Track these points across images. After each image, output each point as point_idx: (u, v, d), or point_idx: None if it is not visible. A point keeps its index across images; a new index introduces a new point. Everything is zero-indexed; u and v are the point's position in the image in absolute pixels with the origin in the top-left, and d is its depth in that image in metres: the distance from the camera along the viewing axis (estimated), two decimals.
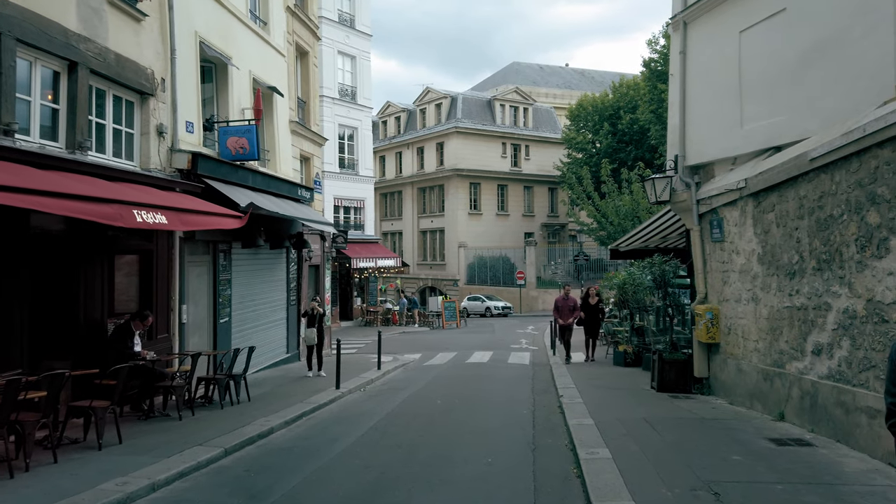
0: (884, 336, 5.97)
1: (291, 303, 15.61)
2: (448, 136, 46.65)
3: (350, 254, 27.47)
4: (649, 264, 11.93)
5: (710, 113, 10.44)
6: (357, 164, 29.50)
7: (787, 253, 7.93)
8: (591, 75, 63.08)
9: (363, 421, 8.92)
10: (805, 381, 7.52)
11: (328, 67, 27.88)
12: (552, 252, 46.72)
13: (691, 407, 9.31)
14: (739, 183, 9.14)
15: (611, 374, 13.41)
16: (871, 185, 6.14)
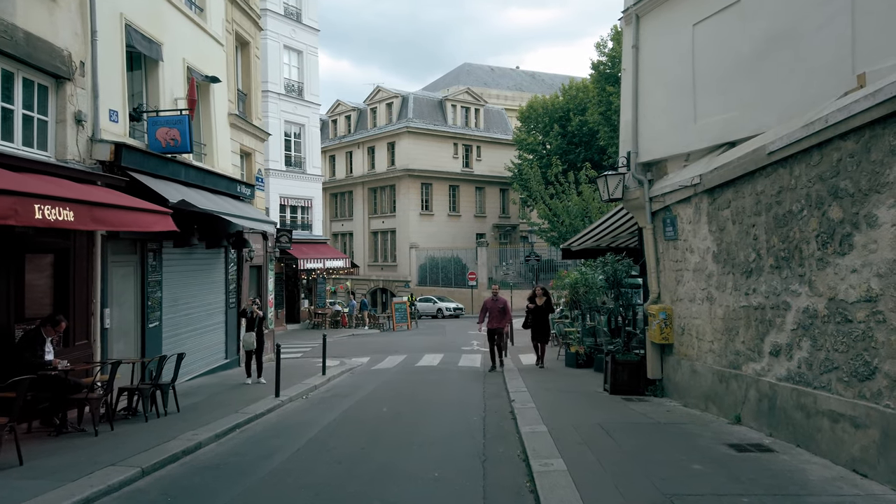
0: (847, 336, 5.71)
1: (231, 305, 14.78)
2: (399, 136, 46.10)
3: (297, 254, 26.58)
4: (601, 263, 11.65)
5: (663, 108, 10.19)
6: (304, 163, 28.62)
7: (744, 251, 7.68)
8: (541, 78, 63.43)
9: (302, 432, 8.29)
10: (763, 383, 7.27)
11: (273, 62, 26.95)
12: (504, 253, 46.69)
13: (645, 410, 9.00)
14: (694, 179, 8.88)
15: (563, 376, 13.08)
16: (833, 179, 5.88)
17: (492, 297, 14.40)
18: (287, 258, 26.88)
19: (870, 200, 5.38)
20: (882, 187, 5.22)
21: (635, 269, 12.35)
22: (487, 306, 14.16)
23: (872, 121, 5.24)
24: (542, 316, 14.38)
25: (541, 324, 14.38)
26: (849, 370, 5.69)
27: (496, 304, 14.08)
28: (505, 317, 14.04)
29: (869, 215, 5.39)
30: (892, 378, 5.15)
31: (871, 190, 5.37)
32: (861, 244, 5.51)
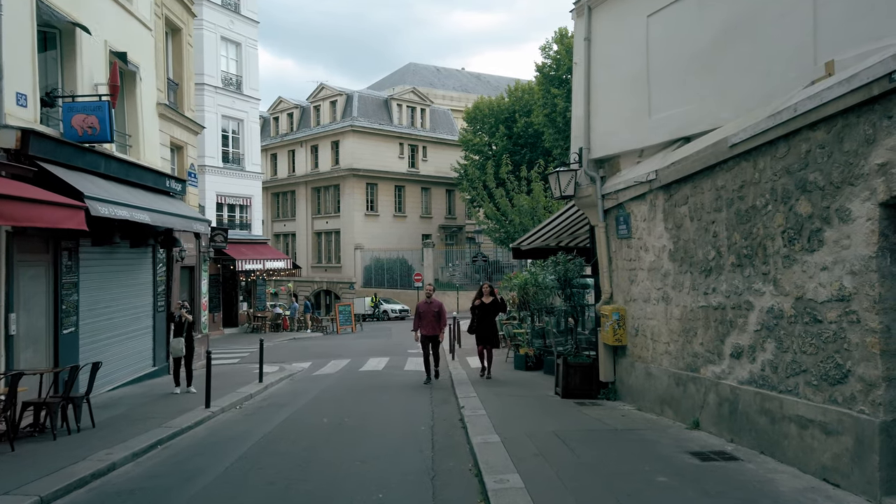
0: (817, 338, 5.41)
1: (159, 309, 13.75)
2: (344, 135, 45.15)
3: (235, 255, 25.41)
4: (553, 263, 11.27)
5: (616, 103, 9.88)
6: (243, 159, 27.43)
7: (703, 248, 7.37)
8: (486, 79, 63.45)
9: (232, 448, 7.53)
10: (723, 387, 6.95)
11: (210, 53, 25.72)
12: (450, 254, 46.33)
13: (600, 415, 8.63)
14: (649, 175, 8.56)
15: (513, 379, 12.65)
16: (801, 172, 5.58)
17: (425, 299, 12.64)
18: (224, 259, 25.69)
19: (842, 194, 5.08)
20: (856, 179, 4.92)
21: (587, 268, 12.04)
22: (420, 310, 12.46)
23: (846, 109, 4.94)
24: (490, 317, 12.80)
25: (488, 326, 12.74)
26: (818, 373, 5.39)
27: (430, 307, 12.38)
28: (440, 322, 12.30)
29: (841, 209, 5.09)
30: (867, 382, 4.85)
31: (843, 182, 5.07)
32: (832, 240, 5.20)
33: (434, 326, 12.25)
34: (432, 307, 12.38)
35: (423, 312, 12.34)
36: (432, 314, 12.28)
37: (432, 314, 12.28)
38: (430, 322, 12.23)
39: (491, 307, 12.78)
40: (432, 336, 12.29)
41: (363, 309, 37.10)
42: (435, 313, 12.30)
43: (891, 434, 4.69)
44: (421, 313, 12.39)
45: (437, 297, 13.24)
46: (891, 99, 4.53)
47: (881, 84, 4.52)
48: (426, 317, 12.28)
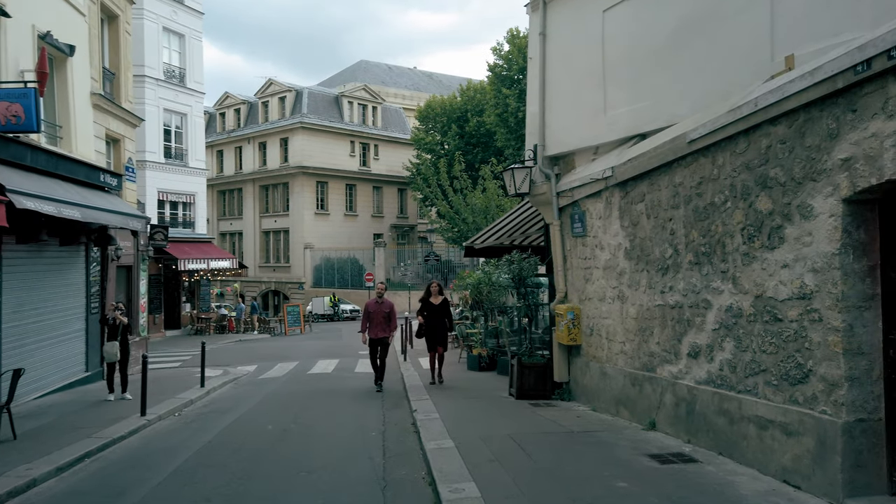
0: (777, 337, 5.30)
1: (93, 311, 12.97)
2: (293, 132, 44.23)
3: (177, 254, 24.44)
4: (507, 262, 11.06)
5: (571, 99, 9.72)
6: (186, 155, 26.43)
7: (660, 246, 7.25)
8: (438, 78, 63.25)
9: (167, 460, 7.01)
10: (680, 387, 6.84)
11: (151, 44, 24.67)
12: (402, 254, 45.97)
13: (555, 417, 8.44)
14: (605, 172, 8.42)
15: (466, 380, 12.40)
16: (761, 168, 5.47)
17: (376, 298, 11.55)
18: (166, 258, 24.69)
19: (804, 189, 4.98)
20: (818, 175, 4.82)
21: (541, 267, 11.88)
22: (370, 310, 11.38)
23: (809, 102, 4.83)
24: (441, 318, 11.74)
25: (439, 328, 11.66)
26: (779, 373, 5.28)
27: (381, 307, 11.33)
28: (390, 324, 11.37)
29: (803, 205, 4.99)
30: (829, 382, 4.75)
31: (805, 178, 4.96)
32: (793, 237, 5.10)
33: (384, 328, 11.29)
34: (383, 307, 11.36)
35: (374, 313, 11.31)
36: (383, 315, 11.29)
37: (383, 315, 11.29)
38: (381, 324, 11.27)
39: (441, 308, 11.78)
40: (382, 339, 11.32)
41: (322, 309, 36.35)
42: (385, 314, 11.32)
43: (853, 435, 4.60)
44: (370, 314, 11.35)
45: (391, 297, 12.76)
46: (855, 92, 4.43)
47: (846, 76, 4.42)
48: (376, 318, 11.28)
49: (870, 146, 4.34)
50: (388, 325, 11.36)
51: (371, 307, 11.45)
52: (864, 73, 4.26)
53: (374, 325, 11.28)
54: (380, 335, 11.29)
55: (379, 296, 11.60)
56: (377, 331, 11.28)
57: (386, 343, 11.41)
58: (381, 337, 11.31)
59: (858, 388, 4.61)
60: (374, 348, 11.37)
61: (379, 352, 11.34)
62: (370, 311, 11.38)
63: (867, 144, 4.36)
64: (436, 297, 11.77)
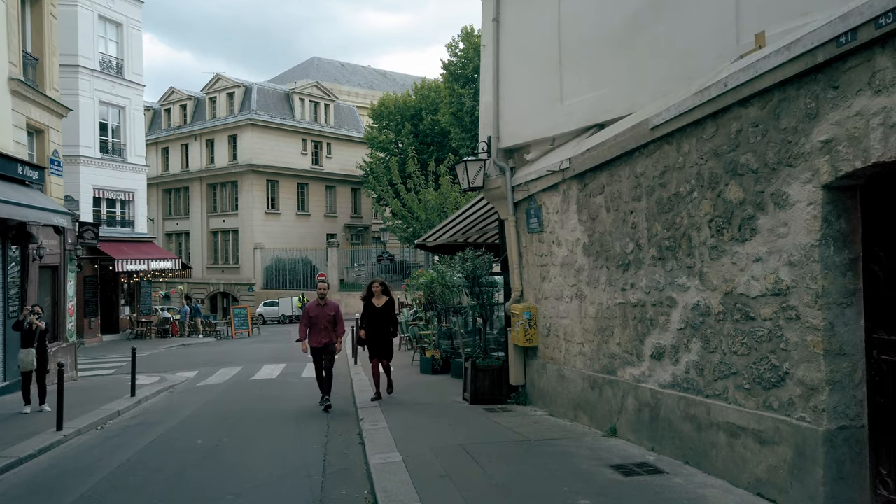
0: (749, 336, 4.89)
1: (11, 315, 11.90)
2: (242, 129, 42.91)
3: (115, 254, 23.14)
4: (460, 260, 10.52)
5: (526, 88, 9.26)
6: (125, 150, 25.08)
7: (620, 241, 6.81)
8: (392, 77, 62.50)
9: (75, 484, 6.21)
10: (643, 391, 6.40)
11: (86, 33, 23.29)
12: (356, 254, 45.12)
13: (511, 423, 7.94)
14: (562, 164, 7.96)
15: (418, 384, 11.83)
16: (731, 154, 5.05)
17: (317, 300, 9.96)
18: (103, 259, 23.36)
19: (778, 176, 4.57)
20: (795, 159, 4.41)
21: (497, 265, 11.39)
22: (311, 314, 9.76)
23: (784, 80, 4.41)
24: (385, 322, 10.11)
25: (382, 335, 10.06)
26: (751, 376, 4.86)
27: (324, 310, 9.74)
28: (336, 328, 9.78)
29: (778, 193, 4.58)
30: (807, 386, 4.34)
31: (780, 164, 4.55)
32: (767, 228, 4.69)
33: (329, 334, 9.70)
34: (327, 310, 9.73)
35: (316, 317, 9.69)
36: (326, 319, 9.69)
37: (326, 319, 9.69)
38: (324, 329, 9.68)
39: (385, 311, 10.13)
40: (326, 346, 9.70)
41: (290, 310, 35.17)
42: (330, 318, 9.70)
43: (835, 444, 4.19)
44: (312, 318, 9.71)
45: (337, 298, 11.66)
46: (837, 67, 4.03)
47: (827, 50, 4.01)
48: (319, 322, 9.68)
49: (854, 126, 3.93)
50: (335, 330, 9.77)
51: (312, 310, 9.83)
52: (849, 45, 3.86)
53: (316, 330, 9.70)
54: (324, 341, 9.71)
55: (321, 297, 9.88)
56: (320, 337, 9.69)
57: (332, 351, 9.78)
58: (326, 343, 9.71)
59: (840, 393, 4.21)
60: (318, 358, 9.79)
61: (324, 361, 9.75)
62: (311, 315, 9.76)
63: (851, 124, 3.96)
64: (379, 297, 10.15)
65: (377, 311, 10.09)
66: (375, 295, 10.17)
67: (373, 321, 10.03)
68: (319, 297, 9.90)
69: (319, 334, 9.69)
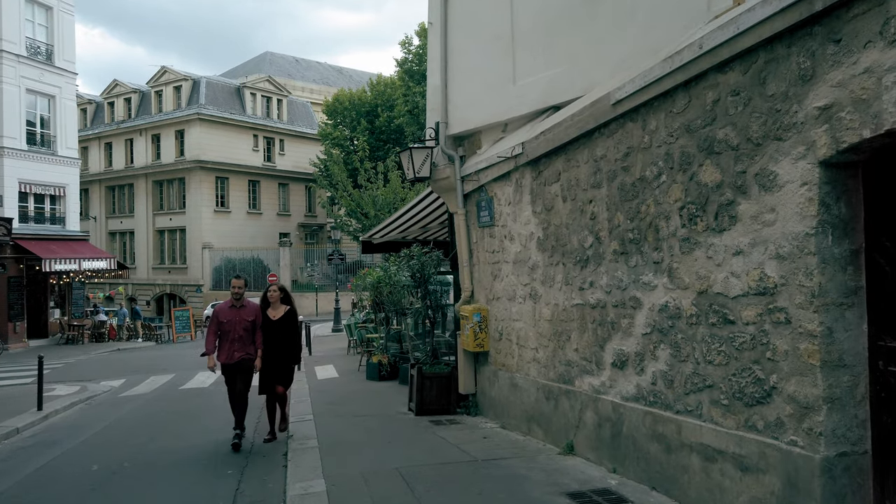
0: (727, 344, 4.15)
1: None
2: (189, 124, 41.17)
3: (42, 253, 21.52)
4: (406, 257, 9.66)
5: (477, 69, 8.45)
6: (55, 142, 23.40)
7: (578, 234, 6.04)
8: (349, 73, 61.23)
9: None
10: (603, 403, 5.64)
11: (11, 16, 21.62)
12: (310, 253, 43.85)
13: (459, 439, 7.10)
14: (515, 149, 7.17)
15: (362, 393, 10.92)
16: (707, 129, 4.31)
17: (231, 301, 7.55)
18: (30, 258, 21.72)
19: (764, 153, 3.84)
20: (786, 132, 3.68)
21: (446, 263, 10.56)
22: (222, 319, 7.41)
23: (772, 37, 3.68)
24: (281, 341, 7.56)
25: (278, 355, 7.55)
26: (730, 390, 4.13)
27: (240, 314, 7.43)
28: (255, 338, 7.50)
29: (763, 173, 3.84)
30: (800, 404, 3.61)
31: (766, 138, 3.82)
32: (750, 215, 3.95)
33: (245, 346, 7.39)
34: (244, 314, 7.44)
35: (228, 322, 7.37)
36: (243, 326, 7.37)
37: (243, 326, 7.37)
38: (239, 339, 7.36)
39: (284, 324, 7.63)
40: (241, 362, 7.37)
41: None
42: (248, 325, 7.41)
43: (834, 475, 3.47)
44: (223, 324, 7.38)
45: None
46: (839, 16, 3.30)
47: None
48: (232, 330, 7.35)
49: (861, 87, 3.21)
50: (253, 342, 7.47)
51: (223, 315, 7.44)
52: None
53: (228, 341, 7.38)
54: (237, 356, 7.35)
55: (236, 297, 7.49)
56: (233, 350, 7.35)
57: (249, 369, 7.46)
58: (241, 359, 7.37)
59: (839, 412, 3.49)
60: (232, 378, 7.43)
61: (239, 381, 7.42)
62: (222, 321, 7.39)
63: (857, 85, 3.23)
64: (276, 307, 7.68)
65: (273, 326, 7.55)
66: (272, 302, 7.69)
67: (267, 338, 7.52)
68: (234, 298, 7.51)
69: (232, 346, 7.36)
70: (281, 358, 7.62)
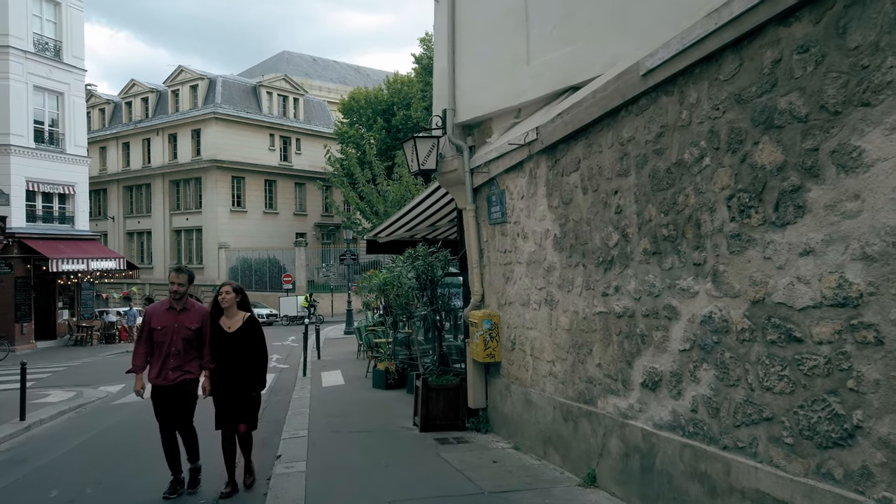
0: (793, 367, 3.28)
1: None
2: (206, 123, 40.90)
3: (49, 253, 21.10)
4: (410, 257, 8.87)
5: (487, 49, 7.64)
6: (64, 140, 22.99)
7: (601, 231, 5.20)
8: (366, 72, 60.72)
9: None
10: (631, 430, 4.79)
11: (18, 11, 21.23)
12: (327, 253, 43.35)
13: (465, 463, 6.29)
14: (528, 135, 6.34)
15: (367, 402, 10.16)
16: (764, 97, 3.44)
17: (168, 301, 5.76)
18: (37, 258, 21.31)
19: (844, 122, 2.97)
20: (875, 94, 2.81)
21: (456, 265, 9.75)
22: (154, 325, 5.62)
23: None
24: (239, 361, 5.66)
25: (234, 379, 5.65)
26: (796, 426, 3.26)
27: (179, 319, 5.64)
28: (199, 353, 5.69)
29: (843, 150, 2.98)
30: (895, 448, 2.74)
31: (847, 103, 2.95)
32: (824, 204, 3.09)
33: (186, 362, 5.59)
34: (185, 320, 5.62)
35: (163, 330, 5.57)
36: (183, 336, 5.58)
37: (183, 336, 5.58)
38: (177, 354, 5.55)
39: (242, 338, 5.67)
40: (181, 385, 5.58)
41: (294, 310, 32.82)
42: (190, 334, 5.61)
43: None
44: (155, 331, 5.58)
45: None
46: None
47: None
48: (168, 341, 5.55)
49: None
50: (198, 356, 5.67)
51: (157, 319, 5.63)
52: None
53: (162, 356, 5.54)
54: (173, 377, 5.53)
55: (176, 297, 5.66)
56: (167, 368, 5.53)
57: (190, 393, 5.67)
58: (179, 381, 5.56)
59: None
60: (164, 406, 5.62)
61: (174, 410, 5.64)
62: (154, 328, 5.58)
63: None
64: (231, 314, 5.72)
65: (227, 341, 5.63)
66: (225, 310, 5.70)
67: (221, 357, 5.63)
68: (173, 297, 5.67)
69: (167, 363, 5.53)
70: (239, 384, 5.60)
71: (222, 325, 5.72)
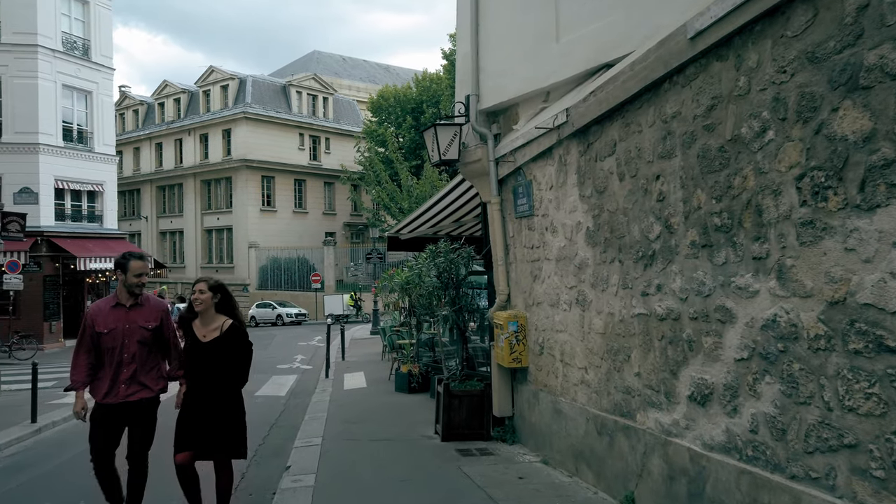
0: (884, 383, 2.65)
1: None
2: (236, 123, 41.04)
3: (76, 251, 21.13)
4: (431, 254, 8.33)
5: (513, 27, 7.07)
6: (92, 139, 23.04)
7: (640, 222, 4.58)
8: (395, 71, 60.48)
9: None
10: (677, 449, 4.17)
11: (46, 9, 21.29)
12: (356, 252, 43.17)
13: (488, 478, 5.73)
14: (558, 118, 5.75)
15: (388, 407, 9.67)
16: (845, 52, 2.81)
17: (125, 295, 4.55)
18: (65, 256, 21.36)
19: None
20: None
21: (480, 263, 9.18)
22: (99, 328, 4.43)
23: None
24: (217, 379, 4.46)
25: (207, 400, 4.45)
26: (888, 456, 2.63)
27: (130, 316, 4.51)
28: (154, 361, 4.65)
29: None
30: None
31: None
32: None
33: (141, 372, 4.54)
34: (138, 317, 4.55)
35: (111, 333, 4.45)
36: (137, 336, 4.52)
37: (137, 336, 4.52)
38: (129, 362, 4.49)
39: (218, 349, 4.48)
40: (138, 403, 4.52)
41: (341, 309, 32.49)
42: (146, 336, 4.57)
43: None
44: (102, 336, 4.44)
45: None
46: None
47: None
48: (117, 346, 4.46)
49: None
50: (157, 367, 4.68)
51: (101, 320, 4.47)
52: None
53: (112, 365, 4.47)
54: (124, 393, 4.47)
55: (132, 292, 4.57)
56: (117, 382, 4.46)
57: (148, 418, 4.63)
58: (133, 398, 4.49)
59: None
60: (111, 428, 4.51)
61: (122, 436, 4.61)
62: (100, 332, 4.44)
63: None
64: (208, 319, 4.55)
65: (201, 353, 4.48)
66: (200, 314, 4.54)
67: (194, 373, 4.51)
68: (129, 292, 4.54)
69: (119, 374, 4.46)
70: (212, 401, 4.42)
71: (196, 334, 4.50)
